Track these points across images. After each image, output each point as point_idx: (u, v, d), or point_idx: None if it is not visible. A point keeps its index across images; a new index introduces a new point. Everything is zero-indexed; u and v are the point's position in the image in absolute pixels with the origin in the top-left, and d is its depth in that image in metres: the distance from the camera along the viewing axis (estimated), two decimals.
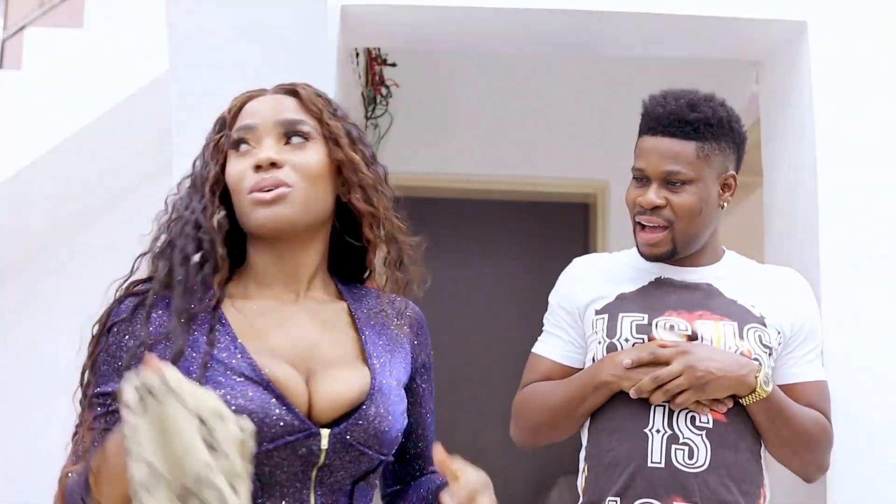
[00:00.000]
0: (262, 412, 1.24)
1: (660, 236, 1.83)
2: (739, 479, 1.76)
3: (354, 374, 1.35)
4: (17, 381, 3.69)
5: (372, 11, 2.76)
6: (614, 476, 1.79)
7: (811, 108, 2.68)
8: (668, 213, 1.82)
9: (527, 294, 7.05)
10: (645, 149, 1.85)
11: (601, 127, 4.59)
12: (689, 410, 1.76)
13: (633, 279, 1.90)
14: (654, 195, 1.82)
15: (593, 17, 2.80)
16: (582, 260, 2.04)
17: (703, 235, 1.86)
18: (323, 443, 1.27)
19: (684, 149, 1.81)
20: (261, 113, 1.40)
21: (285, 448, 1.26)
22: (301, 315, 1.38)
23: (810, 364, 1.88)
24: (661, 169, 1.81)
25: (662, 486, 1.75)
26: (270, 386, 1.27)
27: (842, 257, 2.61)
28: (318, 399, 1.30)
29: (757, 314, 1.83)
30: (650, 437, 1.77)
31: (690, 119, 1.80)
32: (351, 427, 1.29)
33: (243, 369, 1.28)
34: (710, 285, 1.86)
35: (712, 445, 1.75)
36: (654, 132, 1.84)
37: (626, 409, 1.81)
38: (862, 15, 2.71)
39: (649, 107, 1.86)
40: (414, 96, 4.45)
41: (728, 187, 1.86)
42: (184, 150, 2.54)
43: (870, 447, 1.89)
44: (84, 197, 3.74)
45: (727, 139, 1.84)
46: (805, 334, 1.88)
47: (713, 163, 1.82)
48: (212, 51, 2.54)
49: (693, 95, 1.85)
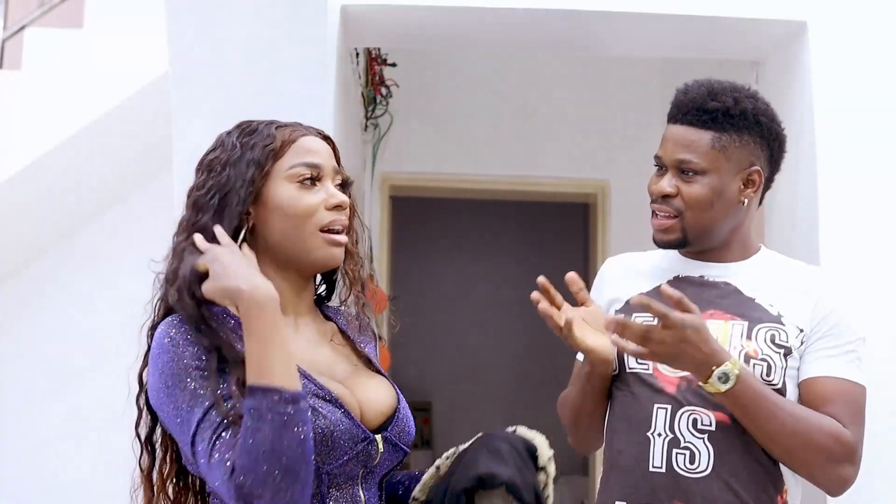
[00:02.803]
0: (334, 426, 1.41)
1: (668, 223, 1.81)
2: (750, 485, 1.71)
3: (379, 383, 1.54)
4: (16, 380, 3.69)
5: (372, 11, 2.76)
6: (620, 479, 1.78)
7: (811, 108, 2.68)
8: (678, 203, 1.79)
9: (526, 294, 7.01)
10: (665, 136, 1.82)
11: (601, 127, 4.59)
12: (691, 413, 1.74)
13: (655, 278, 1.88)
14: (665, 183, 1.80)
15: (593, 17, 2.80)
16: (613, 259, 2.02)
17: (719, 229, 1.81)
18: (379, 447, 1.47)
19: (700, 138, 1.77)
20: (321, 154, 1.53)
21: (356, 456, 1.43)
22: (310, 334, 1.54)
23: (825, 360, 1.77)
24: (675, 157, 1.79)
25: (664, 491, 1.72)
26: (338, 401, 1.43)
27: (842, 257, 2.61)
28: (366, 409, 1.48)
29: (774, 313, 1.78)
30: (652, 440, 1.74)
31: (708, 108, 1.76)
32: (394, 429, 1.50)
33: (312, 388, 1.42)
34: (727, 283, 1.83)
35: (716, 449, 1.71)
36: (675, 120, 1.81)
37: (632, 412, 1.79)
38: (862, 15, 2.71)
39: (677, 94, 1.83)
40: (414, 96, 4.45)
41: (752, 183, 1.80)
42: (184, 150, 2.54)
43: (870, 447, 1.89)
44: (84, 197, 3.73)
45: (751, 132, 1.78)
46: (825, 331, 1.78)
47: (732, 155, 1.77)
48: (212, 51, 2.54)
49: (718, 85, 1.79)
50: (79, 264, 3.77)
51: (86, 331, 3.70)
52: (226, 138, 1.54)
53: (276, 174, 1.49)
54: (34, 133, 3.43)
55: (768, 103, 1.83)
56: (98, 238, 3.78)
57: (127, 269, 3.77)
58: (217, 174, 1.49)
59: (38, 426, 3.66)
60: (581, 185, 4.72)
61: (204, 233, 1.44)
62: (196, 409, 1.33)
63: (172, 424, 1.38)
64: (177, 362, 1.37)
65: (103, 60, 3.45)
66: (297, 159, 1.50)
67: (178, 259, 1.46)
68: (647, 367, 1.79)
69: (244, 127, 1.55)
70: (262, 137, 1.51)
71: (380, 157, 4.35)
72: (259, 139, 1.51)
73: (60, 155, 3.44)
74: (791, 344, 1.76)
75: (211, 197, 1.47)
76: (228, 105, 2.50)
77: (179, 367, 1.36)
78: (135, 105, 3.44)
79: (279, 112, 1.80)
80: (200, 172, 1.52)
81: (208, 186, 1.49)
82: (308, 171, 1.50)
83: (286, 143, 1.51)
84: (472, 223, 6.60)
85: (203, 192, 1.48)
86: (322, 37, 2.56)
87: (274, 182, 1.49)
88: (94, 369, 3.63)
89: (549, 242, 6.55)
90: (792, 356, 1.76)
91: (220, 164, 1.50)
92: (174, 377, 1.36)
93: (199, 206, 1.48)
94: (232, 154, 1.50)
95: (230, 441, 1.29)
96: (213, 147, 1.55)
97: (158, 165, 3.41)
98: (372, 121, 4.23)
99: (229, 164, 1.49)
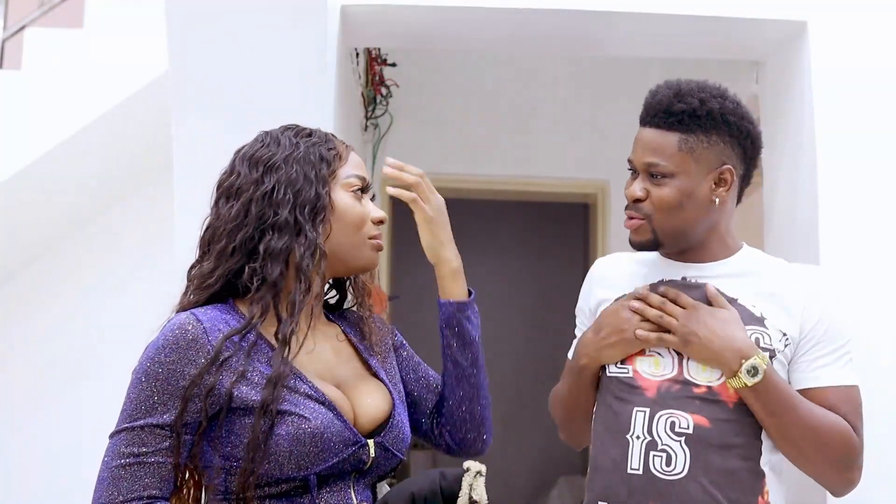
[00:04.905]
0: (325, 428, 1.42)
1: (638, 223, 1.82)
2: (727, 487, 1.71)
3: (375, 388, 1.55)
4: (16, 380, 3.70)
5: (372, 11, 2.76)
6: (601, 479, 1.79)
7: (811, 107, 2.68)
8: (646, 207, 1.80)
9: (526, 293, 7.06)
10: (635, 139, 1.84)
11: (601, 127, 4.59)
12: (669, 416, 1.74)
13: (641, 280, 1.89)
14: (636, 187, 1.80)
15: (593, 17, 2.80)
16: (602, 260, 2.03)
17: (693, 230, 1.81)
18: (371, 451, 1.48)
19: (666, 141, 1.77)
20: (365, 170, 1.62)
21: (346, 459, 1.45)
22: (317, 337, 1.54)
23: (824, 369, 1.77)
24: (643, 161, 1.79)
25: (641, 492, 1.73)
26: (330, 404, 1.45)
27: (842, 257, 2.61)
28: (360, 413, 1.50)
29: (757, 314, 1.79)
30: (630, 442, 1.76)
31: (674, 110, 1.76)
32: (387, 435, 1.51)
33: (306, 390, 1.44)
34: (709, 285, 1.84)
35: (692, 452, 1.71)
36: (644, 122, 1.82)
37: (612, 415, 1.80)
38: (862, 15, 2.71)
39: (646, 96, 1.84)
40: (414, 96, 4.45)
41: (724, 182, 1.79)
42: (184, 150, 2.55)
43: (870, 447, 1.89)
44: (84, 197, 3.74)
45: (720, 132, 1.77)
46: (818, 337, 1.77)
47: (700, 156, 1.76)
48: (212, 51, 2.54)
49: (685, 86, 1.79)
50: (78, 264, 3.78)
51: (86, 330, 3.70)
52: (280, 137, 1.54)
53: (337, 180, 1.55)
54: (34, 133, 3.43)
55: (738, 101, 1.82)
56: (98, 238, 3.79)
57: (127, 268, 3.79)
58: (278, 170, 1.49)
59: (37, 426, 3.66)
60: (581, 185, 4.72)
61: (285, 228, 1.46)
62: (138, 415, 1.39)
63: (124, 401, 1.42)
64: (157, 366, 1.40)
65: (103, 60, 3.46)
66: (353, 170, 1.57)
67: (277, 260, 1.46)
68: (628, 370, 1.81)
69: (297, 129, 1.57)
70: (324, 141, 1.56)
71: (380, 157, 4.35)
72: (320, 141, 1.55)
73: (61, 155, 3.44)
74: (775, 347, 1.76)
75: (283, 193, 1.48)
76: (228, 105, 2.50)
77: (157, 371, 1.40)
78: (135, 105, 3.45)
79: (279, 112, 1.80)
80: (252, 168, 1.51)
81: (273, 182, 1.49)
82: (360, 183, 1.58)
83: (343, 152, 1.58)
84: (472, 223, 6.60)
85: (269, 188, 1.48)
86: (322, 37, 2.56)
87: (335, 187, 1.54)
88: (95, 369, 3.63)
89: (549, 242, 6.55)
90: (776, 359, 1.76)
91: (280, 160, 1.50)
92: (145, 374, 1.40)
93: (272, 202, 1.48)
94: (294, 151, 1.52)
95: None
96: (262, 144, 1.54)
97: (158, 165, 3.41)
98: (372, 121, 4.24)
99: (294, 160, 1.51)
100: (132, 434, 1.38)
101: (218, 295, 1.49)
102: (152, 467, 1.38)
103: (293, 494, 1.41)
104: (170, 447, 1.38)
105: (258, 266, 1.45)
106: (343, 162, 1.56)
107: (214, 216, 1.51)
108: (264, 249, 1.46)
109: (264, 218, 1.47)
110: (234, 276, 1.48)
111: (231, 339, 1.42)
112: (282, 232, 1.46)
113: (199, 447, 1.41)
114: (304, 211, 1.48)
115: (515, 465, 6.18)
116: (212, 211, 1.52)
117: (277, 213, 1.47)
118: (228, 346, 1.41)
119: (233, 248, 1.46)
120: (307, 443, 1.40)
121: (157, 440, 1.38)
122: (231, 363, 1.41)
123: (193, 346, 1.40)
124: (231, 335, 1.42)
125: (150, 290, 3.60)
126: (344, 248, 1.54)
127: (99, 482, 1.39)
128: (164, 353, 1.39)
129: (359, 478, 1.49)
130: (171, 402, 1.38)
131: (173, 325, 1.42)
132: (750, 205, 3.07)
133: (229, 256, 1.47)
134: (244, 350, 1.42)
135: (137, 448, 1.37)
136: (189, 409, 1.38)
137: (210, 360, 1.39)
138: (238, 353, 1.41)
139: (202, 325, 1.41)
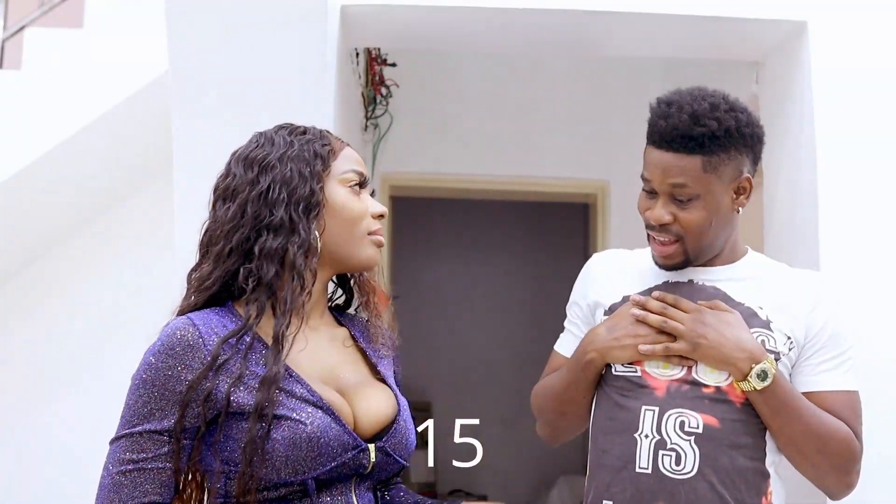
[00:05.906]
0: (322, 433, 1.41)
1: (671, 249, 1.81)
2: (734, 486, 1.72)
3: (380, 393, 1.54)
4: (16, 380, 3.70)
5: (372, 11, 2.76)
6: (606, 479, 1.79)
7: (811, 107, 2.68)
8: (676, 229, 1.79)
9: (526, 294, 7.06)
10: (650, 161, 1.81)
11: (601, 127, 4.59)
12: (679, 415, 1.75)
13: (644, 280, 1.88)
14: (662, 211, 1.78)
15: (593, 17, 2.80)
16: (600, 256, 2.02)
17: (718, 242, 1.83)
18: (372, 456, 1.46)
19: (690, 164, 1.75)
20: (362, 164, 1.59)
21: (345, 463, 1.43)
22: (321, 338, 1.54)
23: (827, 374, 1.79)
24: (668, 184, 1.78)
25: (649, 491, 1.73)
26: (328, 408, 1.43)
27: (842, 256, 2.61)
28: (360, 417, 1.49)
29: (763, 317, 1.79)
30: (639, 441, 1.76)
31: (695, 135, 1.74)
32: (389, 440, 1.49)
33: (303, 394, 1.43)
34: (716, 289, 1.84)
35: (702, 451, 1.72)
36: (659, 146, 1.79)
37: (619, 413, 1.80)
38: (862, 15, 2.71)
39: (654, 117, 1.81)
40: (414, 96, 4.45)
41: (743, 190, 1.80)
42: (184, 150, 2.55)
43: (870, 448, 1.89)
44: (84, 197, 3.74)
45: (738, 146, 1.77)
46: (822, 342, 1.79)
47: (723, 174, 1.76)
48: (212, 51, 2.54)
49: (698, 106, 1.76)
50: (78, 264, 3.78)
51: (86, 330, 3.70)
52: (274, 136, 1.53)
53: (332, 175, 1.53)
54: (34, 133, 3.43)
55: (745, 107, 1.81)
56: (98, 238, 3.79)
57: (127, 268, 3.79)
58: (273, 169, 1.49)
59: (37, 426, 3.66)
60: (581, 185, 4.72)
61: (280, 227, 1.45)
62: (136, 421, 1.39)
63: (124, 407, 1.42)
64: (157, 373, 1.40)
65: (103, 60, 3.46)
66: (349, 165, 1.55)
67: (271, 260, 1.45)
68: (636, 370, 1.80)
69: (291, 128, 1.56)
70: (318, 137, 1.54)
71: (380, 157, 4.35)
72: (314, 138, 1.54)
73: (60, 155, 3.44)
74: (780, 350, 1.78)
75: (278, 192, 1.47)
76: (228, 105, 2.50)
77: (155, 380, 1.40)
78: (135, 105, 3.45)
79: (279, 112, 1.80)
80: (247, 169, 1.50)
81: (268, 181, 1.48)
82: (357, 178, 1.56)
83: (338, 148, 1.55)
84: (472, 223, 6.60)
85: (264, 188, 1.47)
86: (322, 37, 2.56)
87: (330, 182, 1.52)
88: (95, 369, 3.64)
89: (549, 242, 6.55)
90: (780, 362, 1.77)
91: (275, 159, 1.49)
92: (143, 380, 1.41)
93: (267, 201, 1.47)
94: (289, 150, 1.51)
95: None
96: (257, 144, 1.53)
97: (158, 166, 3.41)
98: (372, 121, 4.23)
99: (288, 158, 1.50)
100: (132, 440, 1.38)
101: (217, 297, 1.48)
102: (152, 473, 1.38)
103: (292, 498, 1.41)
104: (169, 452, 1.38)
105: (254, 267, 1.45)
106: (337, 157, 1.55)
107: (212, 219, 1.51)
108: (259, 250, 1.45)
109: (260, 218, 1.46)
110: (231, 278, 1.47)
111: (228, 341, 1.41)
112: (277, 232, 1.46)
113: (198, 452, 1.40)
114: (298, 208, 1.47)
115: (515, 465, 6.18)
116: (210, 214, 1.52)
117: (273, 213, 1.46)
118: (225, 349, 1.41)
119: (229, 250, 1.46)
120: (304, 447, 1.39)
121: (156, 446, 1.38)
122: (228, 366, 1.40)
123: (190, 351, 1.39)
124: (227, 338, 1.41)
125: (150, 289, 3.62)
126: (342, 244, 1.53)
127: (100, 489, 1.39)
128: (161, 359, 1.39)
129: (360, 482, 1.48)
130: (170, 407, 1.38)
131: (169, 331, 1.42)
132: (750, 205, 3.06)
133: (226, 258, 1.46)
134: (241, 352, 1.41)
135: (137, 454, 1.38)
136: (188, 414, 1.38)
137: (207, 364, 1.39)
138: (235, 356, 1.41)
139: (198, 329, 1.41)
